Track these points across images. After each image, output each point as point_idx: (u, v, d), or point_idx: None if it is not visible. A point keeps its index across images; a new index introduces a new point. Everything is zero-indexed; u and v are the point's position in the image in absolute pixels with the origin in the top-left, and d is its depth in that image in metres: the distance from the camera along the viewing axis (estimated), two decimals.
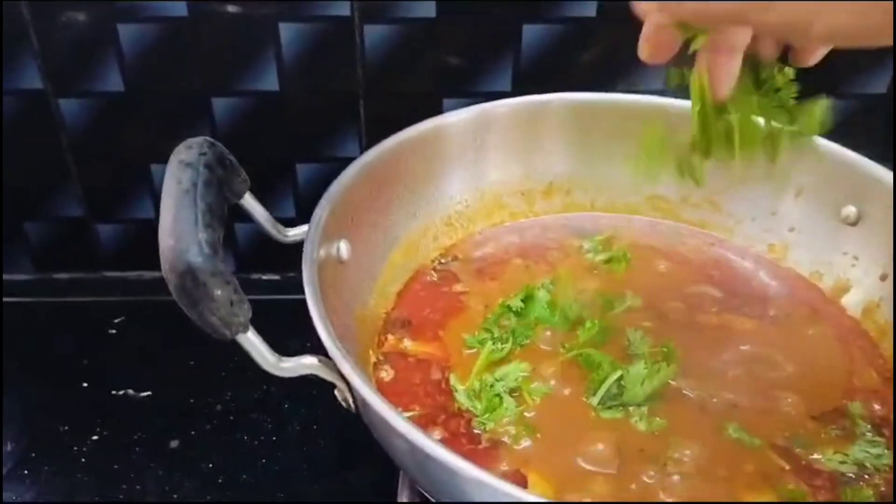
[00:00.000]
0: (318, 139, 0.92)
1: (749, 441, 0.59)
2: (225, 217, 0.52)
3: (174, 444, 0.74)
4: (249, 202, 0.60)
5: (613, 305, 0.70)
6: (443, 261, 0.76)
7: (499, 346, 0.64)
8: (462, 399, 0.61)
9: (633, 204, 0.82)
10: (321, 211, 0.61)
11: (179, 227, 0.47)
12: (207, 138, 0.56)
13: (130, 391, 0.79)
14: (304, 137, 0.91)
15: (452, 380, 0.63)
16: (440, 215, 0.77)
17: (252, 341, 0.49)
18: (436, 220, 0.77)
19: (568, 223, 0.81)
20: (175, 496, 0.69)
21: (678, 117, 0.78)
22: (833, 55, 0.84)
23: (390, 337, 0.68)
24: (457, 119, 0.75)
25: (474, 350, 0.66)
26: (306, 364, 0.52)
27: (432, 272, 0.75)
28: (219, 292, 0.46)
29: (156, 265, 0.48)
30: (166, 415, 0.76)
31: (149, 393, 0.79)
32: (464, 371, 0.64)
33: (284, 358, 0.51)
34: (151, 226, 0.93)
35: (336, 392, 0.54)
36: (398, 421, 0.47)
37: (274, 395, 0.77)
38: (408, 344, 0.67)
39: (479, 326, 0.68)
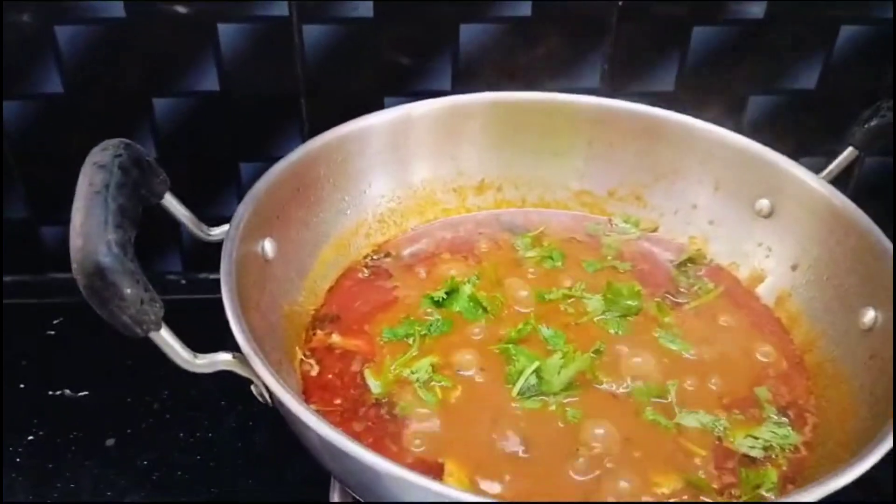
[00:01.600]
0: (262, 138, 0.93)
1: (665, 424, 0.61)
2: (139, 218, 0.53)
3: (110, 442, 0.75)
4: (170, 202, 0.61)
5: (544, 298, 0.72)
6: (375, 257, 0.78)
7: (412, 339, 0.66)
8: (376, 391, 0.63)
9: (562, 200, 0.84)
10: (242, 210, 0.63)
11: (88, 228, 0.48)
12: (124, 140, 0.57)
13: (67, 391, 0.79)
14: (247, 137, 0.92)
15: (367, 374, 0.64)
16: (372, 213, 0.78)
17: (165, 339, 0.50)
18: (367, 218, 0.78)
19: (499, 219, 0.83)
20: (109, 494, 0.70)
21: (604, 114, 0.81)
22: (764, 51, 0.87)
23: (319, 332, 0.69)
24: (380, 120, 0.76)
25: (397, 341, 0.67)
26: (221, 360, 0.53)
27: (364, 269, 0.76)
28: (128, 291, 0.47)
29: None
30: (103, 414, 0.77)
31: (86, 393, 0.79)
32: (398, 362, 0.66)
33: (200, 355, 0.52)
34: None
35: (252, 388, 0.55)
36: (306, 415, 0.48)
37: (211, 392, 0.79)
38: (335, 339, 0.69)
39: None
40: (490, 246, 0.79)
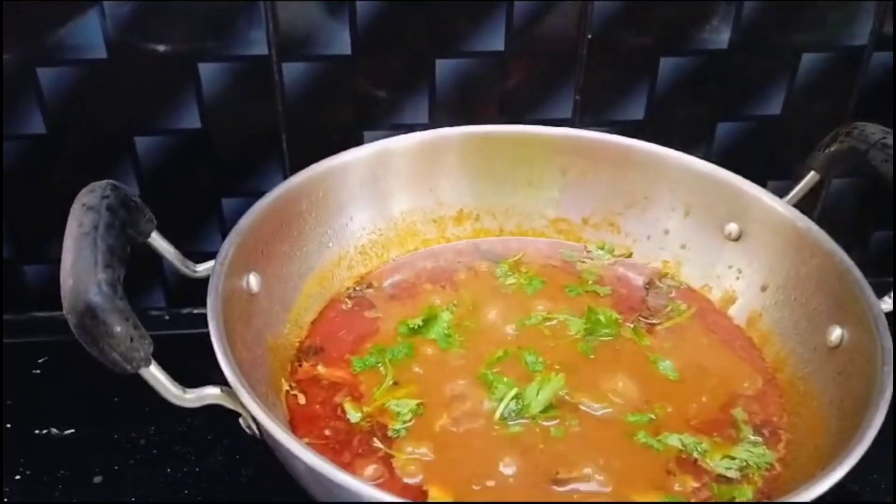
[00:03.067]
0: (243, 174, 0.94)
1: (655, 444, 0.63)
2: (127, 257, 0.54)
3: (97, 479, 0.75)
4: (157, 241, 0.63)
5: (524, 323, 0.74)
6: (357, 288, 0.79)
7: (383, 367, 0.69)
8: (354, 421, 0.64)
9: (538, 228, 0.87)
10: (227, 246, 0.64)
11: (78, 268, 0.49)
12: (111, 181, 0.58)
13: (54, 430, 0.80)
14: (228, 173, 0.93)
15: (346, 406, 0.66)
16: (353, 245, 0.80)
17: (154, 374, 0.52)
18: (349, 250, 0.80)
19: (478, 248, 0.85)
20: None
21: (576, 144, 0.83)
22: (730, 80, 0.90)
23: (304, 364, 0.71)
24: (359, 155, 0.79)
25: (369, 370, 0.69)
26: (210, 394, 0.54)
27: (347, 300, 0.78)
28: (118, 329, 0.49)
29: None
30: (89, 451, 0.77)
31: (72, 430, 0.80)
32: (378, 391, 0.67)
33: (189, 389, 0.54)
34: None
35: (240, 420, 0.56)
36: (294, 445, 0.50)
37: (197, 427, 0.79)
38: (321, 370, 0.70)
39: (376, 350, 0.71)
40: (469, 274, 0.81)
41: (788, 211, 0.73)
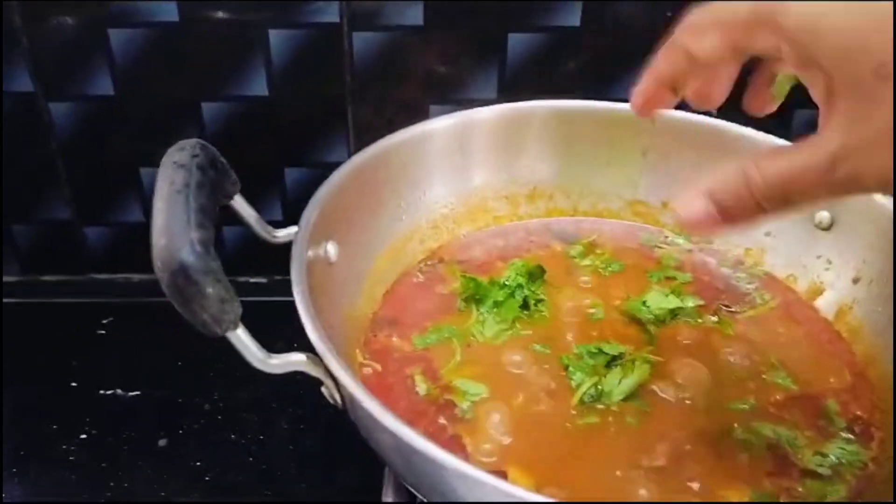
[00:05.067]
0: (307, 144, 0.93)
1: (744, 435, 0.61)
2: (216, 218, 0.53)
3: (162, 442, 0.75)
4: (240, 203, 0.61)
5: (602, 306, 0.72)
6: (429, 263, 0.78)
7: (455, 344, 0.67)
8: (422, 394, 0.63)
9: (614, 209, 0.84)
10: (310, 212, 0.63)
11: (172, 227, 0.48)
12: (199, 140, 0.57)
13: (119, 391, 0.80)
14: (292, 142, 0.92)
15: (417, 380, 0.64)
16: (426, 218, 0.78)
17: (242, 338, 0.50)
18: (422, 224, 0.78)
19: (550, 227, 0.83)
20: (163, 494, 0.70)
21: (661, 124, 0.80)
22: None
23: (378, 335, 0.69)
24: (441, 125, 0.76)
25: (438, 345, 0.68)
26: (295, 361, 0.53)
27: (418, 273, 0.76)
28: (210, 290, 0.47)
29: (144, 268, 0.48)
30: (154, 414, 0.77)
31: (137, 392, 0.79)
32: (446, 367, 0.66)
33: (273, 355, 0.52)
34: (139, 229, 0.95)
35: (323, 389, 0.55)
36: (384, 415, 0.48)
37: (262, 394, 0.79)
38: (395, 342, 0.68)
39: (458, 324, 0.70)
40: (544, 254, 0.79)
41: (886, 200, 0.70)
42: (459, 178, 0.80)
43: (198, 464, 0.73)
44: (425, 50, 0.86)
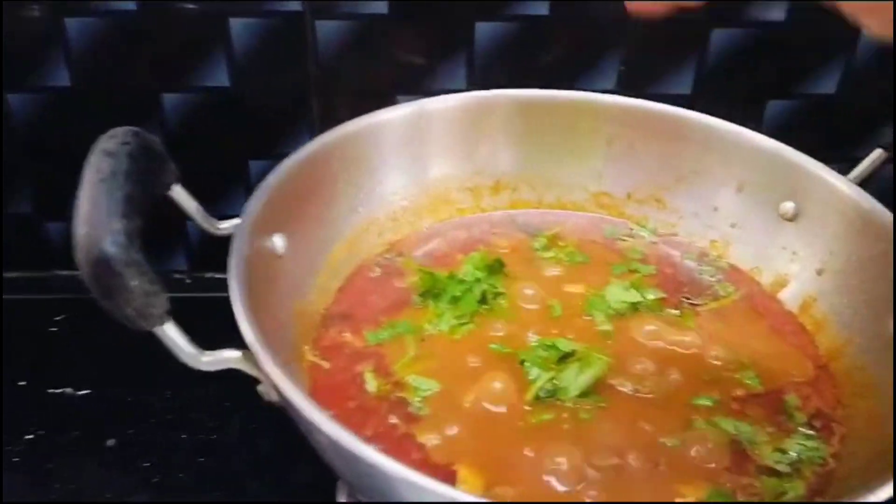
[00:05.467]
0: (271, 136, 0.91)
1: (704, 429, 0.59)
2: (147, 208, 0.51)
3: (111, 442, 0.73)
4: (179, 194, 0.59)
5: (563, 299, 0.70)
6: (387, 256, 0.76)
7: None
8: (371, 391, 0.61)
9: (579, 201, 0.82)
10: (254, 203, 0.61)
11: (94, 217, 0.46)
12: (133, 127, 0.55)
13: (69, 389, 0.77)
14: (256, 134, 0.90)
15: (367, 377, 0.62)
16: (385, 210, 0.76)
17: (170, 334, 0.49)
18: (380, 216, 0.76)
19: (515, 219, 0.81)
20: (109, 496, 0.68)
21: (626, 114, 0.79)
22: (784, 55, 0.85)
23: (330, 331, 0.67)
24: (396, 115, 0.74)
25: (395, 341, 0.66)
26: (228, 358, 0.51)
27: (375, 267, 0.74)
28: (134, 283, 0.45)
29: None
30: (104, 413, 0.75)
31: (87, 391, 0.77)
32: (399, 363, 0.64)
33: (206, 352, 0.50)
34: None
35: (259, 388, 0.53)
36: (316, 415, 0.46)
37: (215, 393, 0.76)
38: (347, 337, 0.67)
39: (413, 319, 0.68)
40: (506, 246, 0.77)
41: (852, 190, 0.68)
42: (418, 169, 0.78)
43: (146, 464, 0.71)
44: (391, 39, 0.84)
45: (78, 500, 0.68)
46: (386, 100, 0.86)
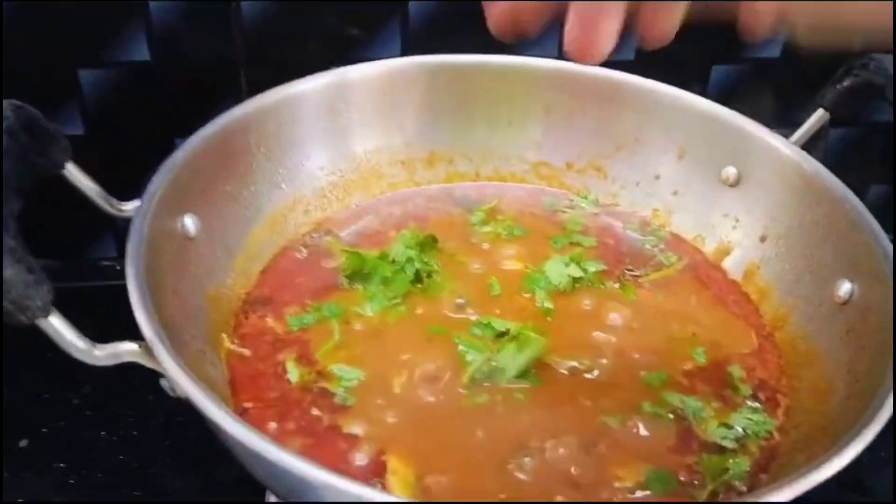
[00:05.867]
0: (198, 112, 0.85)
1: (646, 408, 0.57)
2: (27, 189, 0.46)
3: (24, 443, 0.68)
4: (73, 173, 0.55)
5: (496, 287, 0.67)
6: (314, 235, 0.71)
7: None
8: (294, 381, 0.57)
9: (518, 173, 0.79)
10: (157, 182, 0.56)
11: None
12: (14, 101, 0.50)
13: None
14: (182, 111, 0.85)
15: (289, 366, 0.58)
16: (310, 187, 0.72)
17: (55, 327, 0.44)
18: (306, 193, 0.72)
19: (452, 193, 0.78)
20: (20, 501, 0.64)
21: (563, 79, 0.75)
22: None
23: (251, 316, 0.63)
24: (313, 85, 0.70)
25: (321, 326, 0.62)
26: (125, 351, 0.47)
27: (302, 248, 0.70)
28: (8, 272, 0.41)
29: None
30: (16, 412, 0.70)
31: None
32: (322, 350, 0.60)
33: (99, 345, 0.46)
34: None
35: (162, 381, 0.49)
36: (217, 413, 0.43)
37: (137, 386, 0.71)
38: (269, 323, 0.63)
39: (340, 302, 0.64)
40: (441, 221, 0.73)
41: (794, 153, 0.66)
42: (345, 142, 0.74)
43: (62, 465, 0.66)
44: (323, 6, 0.79)
45: None
46: (317, 71, 0.82)
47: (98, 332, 0.48)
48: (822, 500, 0.43)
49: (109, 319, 0.46)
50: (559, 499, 0.51)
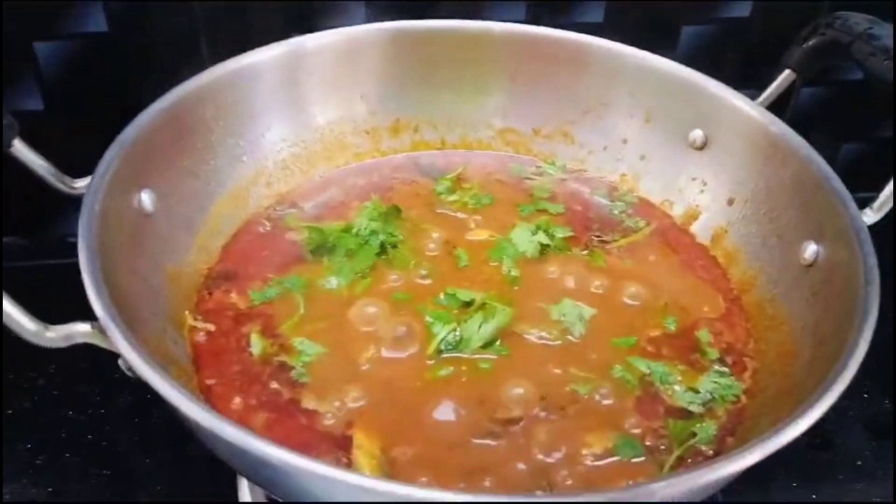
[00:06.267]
0: (159, 84, 0.83)
1: (615, 373, 0.57)
2: None
3: None
4: (20, 150, 0.53)
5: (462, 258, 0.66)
6: (278, 209, 0.70)
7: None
8: (256, 353, 0.57)
9: (484, 140, 0.78)
10: (109, 158, 0.55)
11: None
12: None
13: None
14: (141, 83, 0.83)
15: (252, 337, 0.58)
16: (272, 159, 0.71)
17: (6, 310, 0.43)
18: (267, 165, 0.71)
19: (417, 162, 0.77)
20: None
21: (526, 44, 0.74)
22: None
23: (214, 292, 0.62)
24: (268, 56, 0.69)
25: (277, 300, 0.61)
26: (78, 332, 0.46)
27: (265, 221, 0.69)
28: None
29: None
30: None
31: None
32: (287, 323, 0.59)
33: (52, 326, 0.45)
34: None
35: (120, 362, 0.48)
36: (170, 392, 0.42)
37: (104, 363, 0.70)
38: (233, 298, 0.62)
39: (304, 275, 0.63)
40: (405, 191, 0.72)
41: (760, 114, 0.65)
42: (306, 113, 0.72)
43: (28, 446, 0.66)
44: None
45: None
46: (281, 40, 0.80)
47: (64, 312, 0.47)
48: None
49: (77, 298, 0.46)
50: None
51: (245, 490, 0.60)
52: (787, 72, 0.67)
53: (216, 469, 0.62)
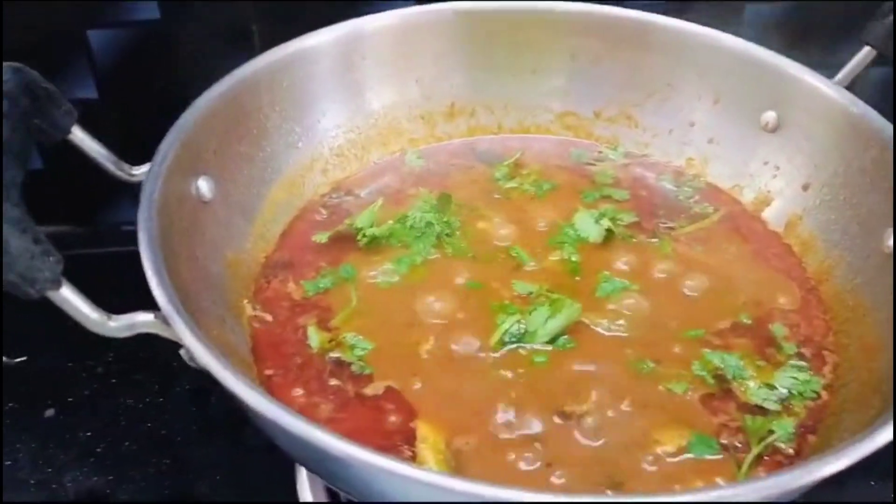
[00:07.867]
0: (210, 71, 0.82)
1: (692, 372, 0.54)
2: (30, 155, 0.44)
3: (49, 413, 0.67)
4: (79, 137, 0.52)
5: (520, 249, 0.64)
6: (334, 196, 0.69)
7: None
8: (314, 346, 0.56)
9: (542, 124, 0.76)
10: (167, 145, 0.54)
11: None
12: (14, 64, 0.48)
13: (3, 358, 0.72)
14: (194, 70, 0.82)
15: (309, 330, 0.56)
16: (328, 146, 0.70)
17: (67, 299, 0.42)
18: (323, 152, 0.69)
19: (474, 148, 0.75)
20: (49, 470, 0.63)
21: (588, 23, 0.71)
22: None
23: (272, 281, 0.61)
24: (325, 39, 0.67)
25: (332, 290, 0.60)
26: (141, 322, 0.45)
27: (322, 209, 0.68)
28: (13, 243, 0.39)
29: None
30: (42, 381, 0.70)
31: (24, 358, 0.72)
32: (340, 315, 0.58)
33: (114, 316, 0.44)
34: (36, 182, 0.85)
35: (181, 352, 0.47)
36: (236, 384, 0.41)
37: (160, 352, 0.70)
38: (291, 288, 0.61)
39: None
40: (464, 178, 0.71)
41: (839, 94, 0.62)
42: (361, 97, 0.71)
43: (88, 434, 0.66)
44: None
45: (14, 477, 0.62)
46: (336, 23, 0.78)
47: (123, 300, 0.46)
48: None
49: (135, 286, 0.45)
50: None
51: (304, 479, 0.59)
52: (866, 49, 0.64)
53: (274, 457, 0.62)
